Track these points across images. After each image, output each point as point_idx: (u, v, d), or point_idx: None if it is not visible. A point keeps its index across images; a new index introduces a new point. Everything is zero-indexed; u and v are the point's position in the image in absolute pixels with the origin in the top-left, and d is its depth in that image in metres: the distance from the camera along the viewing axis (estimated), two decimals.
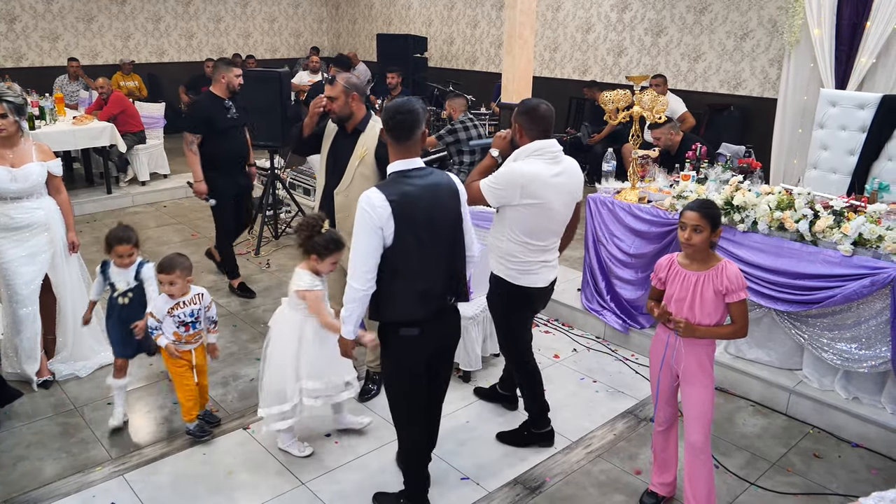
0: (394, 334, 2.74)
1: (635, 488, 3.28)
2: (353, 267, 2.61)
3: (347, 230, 3.59)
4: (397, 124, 2.63)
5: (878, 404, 3.68)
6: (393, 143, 2.67)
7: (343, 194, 3.65)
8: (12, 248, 3.82)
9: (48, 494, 3.17)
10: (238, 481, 3.28)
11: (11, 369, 4.02)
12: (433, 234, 2.66)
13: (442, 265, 2.72)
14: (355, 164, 3.61)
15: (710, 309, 2.79)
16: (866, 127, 5.06)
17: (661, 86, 7.16)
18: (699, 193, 4.21)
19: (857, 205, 3.86)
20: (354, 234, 2.59)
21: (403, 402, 2.88)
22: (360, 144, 3.63)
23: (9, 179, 3.70)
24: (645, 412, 3.92)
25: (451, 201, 2.74)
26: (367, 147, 3.61)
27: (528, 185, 3.10)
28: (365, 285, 2.62)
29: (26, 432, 3.63)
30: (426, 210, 2.63)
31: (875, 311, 3.57)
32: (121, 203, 7.94)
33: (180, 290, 3.38)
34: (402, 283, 2.65)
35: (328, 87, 3.63)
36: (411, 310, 2.68)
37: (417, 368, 2.79)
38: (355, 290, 2.63)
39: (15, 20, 10.21)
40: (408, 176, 2.65)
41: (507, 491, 3.25)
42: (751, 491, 3.28)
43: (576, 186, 3.29)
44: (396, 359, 2.80)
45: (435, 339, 2.79)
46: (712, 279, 2.77)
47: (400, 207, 2.56)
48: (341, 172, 3.66)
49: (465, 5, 11.00)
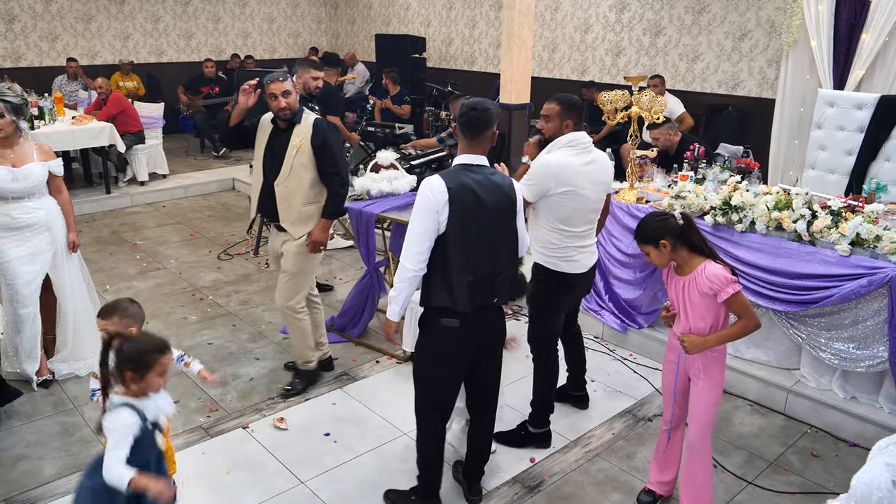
0: (435, 322, 2.79)
1: (633, 487, 3.29)
2: (407, 247, 2.70)
3: (291, 220, 3.78)
4: (470, 120, 2.74)
5: (876, 404, 3.70)
6: (462, 137, 2.78)
7: (283, 185, 3.74)
8: (13, 248, 3.82)
9: (48, 493, 3.18)
10: (237, 480, 3.29)
11: (11, 369, 4.02)
12: (484, 230, 2.73)
13: (487, 261, 2.77)
14: (293, 155, 3.71)
15: (701, 311, 2.78)
16: (864, 127, 5.07)
17: (659, 86, 7.19)
18: (697, 193, 4.23)
19: (854, 205, 3.87)
20: (413, 216, 2.69)
21: (426, 390, 2.93)
22: (296, 135, 3.72)
23: (10, 179, 3.71)
24: (643, 412, 3.93)
25: (507, 203, 2.80)
26: (303, 137, 3.70)
27: (561, 174, 3.21)
28: (416, 266, 2.69)
29: (26, 431, 3.63)
30: (480, 205, 2.70)
31: (872, 310, 3.58)
32: (120, 203, 7.95)
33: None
34: (450, 272, 2.71)
35: (283, 83, 3.64)
36: (455, 299, 2.72)
37: (450, 361, 2.83)
38: (406, 269, 2.70)
39: (14, 20, 10.20)
40: (470, 170, 2.74)
41: (506, 490, 3.26)
42: (748, 490, 3.29)
43: (607, 175, 3.43)
44: (431, 346, 2.86)
45: (476, 338, 2.84)
46: (694, 283, 2.77)
47: (457, 196, 2.65)
48: (279, 165, 3.74)
49: (463, 6, 11.01)
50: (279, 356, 4.48)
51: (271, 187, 3.77)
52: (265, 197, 3.83)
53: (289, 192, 3.75)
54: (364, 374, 4.27)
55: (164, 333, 4.74)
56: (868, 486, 1.46)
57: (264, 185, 3.82)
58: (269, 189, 3.79)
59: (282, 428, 3.69)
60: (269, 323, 4.98)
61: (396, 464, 3.41)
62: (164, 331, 4.81)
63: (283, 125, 3.74)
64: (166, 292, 5.44)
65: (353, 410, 3.87)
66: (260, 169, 3.84)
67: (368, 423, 3.76)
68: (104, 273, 5.80)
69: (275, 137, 3.78)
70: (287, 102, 3.65)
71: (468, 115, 2.74)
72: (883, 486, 1.42)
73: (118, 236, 6.83)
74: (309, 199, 3.79)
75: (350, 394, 4.05)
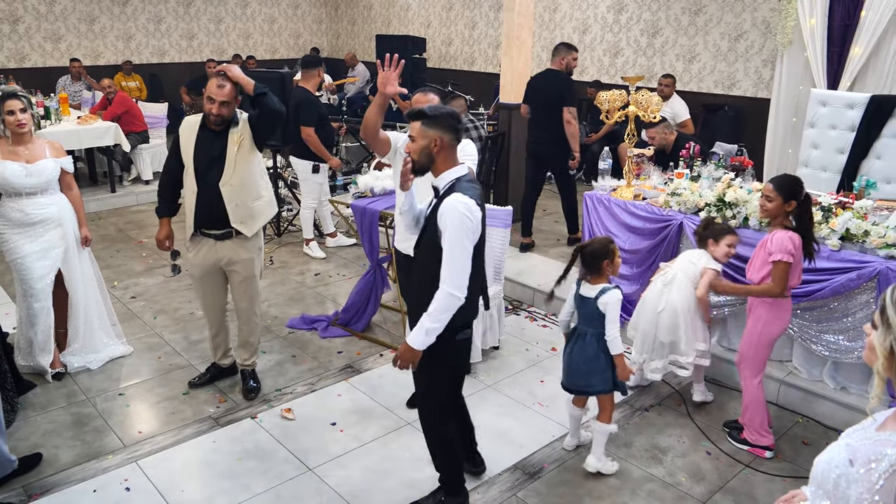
0: (451, 340, 2.70)
1: (630, 473, 3.40)
2: (458, 275, 2.56)
3: (242, 218, 3.69)
4: (456, 129, 2.66)
5: (865, 394, 3.81)
6: (452, 147, 2.67)
7: (229, 185, 3.64)
8: (27, 244, 3.92)
9: (64, 480, 3.28)
10: (247, 467, 3.39)
11: (25, 362, 4.12)
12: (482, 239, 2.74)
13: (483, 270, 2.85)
14: (234, 152, 3.63)
15: (758, 266, 3.38)
16: (855, 126, 5.19)
17: (671, 87, 7.18)
18: (692, 190, 4.34)
19: (845, 201, 3.98)
20: (456, 242, 2.55)
21: (441, 404, 2.91)
22: (234, 133, 3.64)
23: (24, 175, 3.82)
24: (640, 402, 4.04)
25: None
26: (242, 134, 3.65)
27: None
28: (465, 293, 2.58)
29: (41, 421, 3.74)
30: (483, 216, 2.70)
31: (861, 303, 3.70)
32: (125, 202, 8.05)
33: None
34: (474, 287, 2.68)
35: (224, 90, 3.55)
36: (474, 310, 2.75)
37: (463, 368, 2.89)
38: (457, 299, 2.57)
39: (18, 21, 10.31)
40: (469, 181, 2.68)
41: (508, 476, 3.37)
42: (742, 475, 3.41)
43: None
44: (450, 360, 2.81)
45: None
46: (768, 241, 3.31)
47: (481, 212, 2.64)
48: (221, 166, 3.63)
49: (463, 7, 11.12)
50: (285, 350, 4.60)
51: (214, 191, 3.63)
52: (204, 204, 3.66)
53: (236, 190, 3.65)
54: (368, 367, 4.38)
55: (172, 329, 4.87)
56: (828, 464, 1.50)
57: (202, 192, 3.65)
58: (210, 193, 3.64)
59: (289, 418, 3.80)
60: (274, 318, 5.09)
61: (401, 451, 3.53)
62: (172, 326, 4.92)
63: (218, 128, 3.65)
64: (173, 288, 5.55)
65: (358, 401, 3.98)
66: (192, 175, 3.66)
67: (373, 413, 3.87)
68: (111, 270, 5.91)
69: (209, 141, 3.65)
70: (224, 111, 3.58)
71: (454, 124, 2.64)
72: (841, 463, 1.45)
73: (124, 234, 6.94)
74: (256, 195, 3.76)
75: (355, 385, 4.16)
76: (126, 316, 5.01)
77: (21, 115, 3.78)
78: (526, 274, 5.60)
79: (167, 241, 3.92)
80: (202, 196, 3.66)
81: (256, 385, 4.07)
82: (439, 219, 2.58)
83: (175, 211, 3.92)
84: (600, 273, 3.22)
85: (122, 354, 4.44)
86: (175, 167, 3.76)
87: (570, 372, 3.33)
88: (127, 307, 5.21)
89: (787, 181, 3.31)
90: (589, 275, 3.24)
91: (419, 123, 2.64)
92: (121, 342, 4.49)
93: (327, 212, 6.47)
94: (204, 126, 3.67)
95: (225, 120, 3.61)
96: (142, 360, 4.43)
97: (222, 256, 3.78)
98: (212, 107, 3.56)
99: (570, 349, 3.33)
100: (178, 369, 4.32)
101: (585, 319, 3.27)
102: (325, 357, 4.52)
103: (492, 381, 4.22)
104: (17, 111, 3.77)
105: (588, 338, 3.24)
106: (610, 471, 3.38)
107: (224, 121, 3.61)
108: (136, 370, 4.31)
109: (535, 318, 5.13)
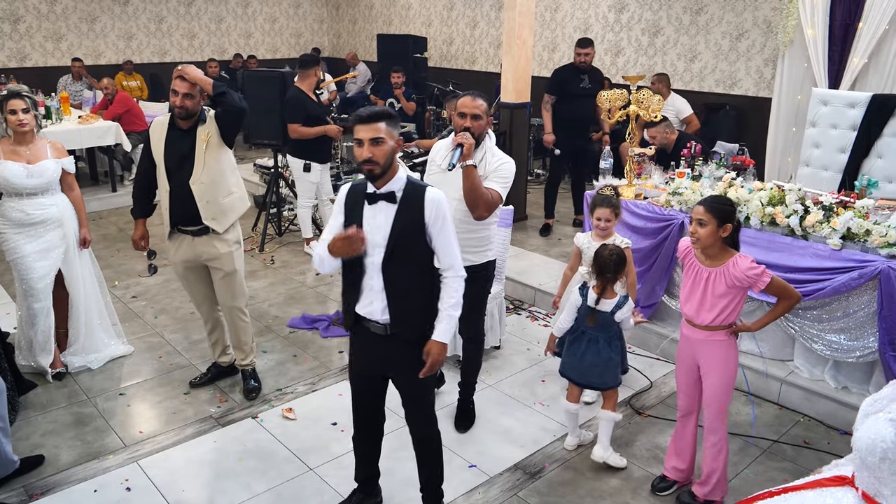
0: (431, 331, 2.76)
1: (630, 473, 3.40)
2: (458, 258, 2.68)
3: (213, 215, 3.72)
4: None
5: (867, 393, 3.80)
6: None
7: (199, 182, 3.67)
8: (27, 244, 3.93)
9: (65, 480, 3.28)
10: (248, 467, 3.39)
11: (26, 362, 4.12)
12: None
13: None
14: (203, 149, 3.66)
15: (720, 301, 2.91)
16: (857, 125, 5.18)
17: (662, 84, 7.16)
18: (693, 190, 4.34)
19: (846, 201, 3.98)
20: (450, 229, 2.67)
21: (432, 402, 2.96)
22: (202, 131, 3.67)
23: (25, 175, 3.82)
24: (641, 402, 4.04)
25: None
26: (210, 131, 3.68)
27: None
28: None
29: (42, 421, 3.74)
30: None
31: (863, 302, 3.69)
32: (126, 201, 8.01)
33: None
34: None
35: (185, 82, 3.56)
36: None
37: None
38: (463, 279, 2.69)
39: (19, 21, 10.31)
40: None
41: (509, 476, 3.37)
42: (742, 475, 3.40)
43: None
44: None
45: None
46: (724, 275, 2.87)
47: None
48: (191, 164, 3.66)
49: (464, 6, 11.12)
50: (286, 349, 4.59)
51: (184, 189, 3.66)
52: (177, 202, 3.70)
53: (206, 188, 3.68)
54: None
55: (173, 328, 4.87)
56: (872, 439, 1.50)
57: (174, 191, 3.69)
58: (181, 191, 3.67)
59: (290, 418, 3.80)
60: (275, 317, 5.09)
61: (401, 451, 3.52)
62: (173, 326, 4.92)
63: (185, 125, 3.67)
64: (174, 288, 5.55)
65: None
66: (164, 174, 3.70)
67: None
68: (112, 269, 5.91)
69: (178, 140, 3.67)
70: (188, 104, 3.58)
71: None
72: (888, 437, 1.46)
73: (125, 234, 6.94)
74: (227, 191, 3.77)
75: None
76: (127, 316, 5.01)
77: (23, 115, 3.79)
78: (527, 273, 5.60)
79: (142, 242, 3.99)
80: (175, 194, 3.71)
81: (257, 385, 4.07)
82: (428, 211, 2.62)
83: (150, 212, 3.98)
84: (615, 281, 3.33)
85: (122, 354, 4.44)
86: (148, 167, 3.80)
87: (583, 372, 3.40)
88: (128, 307, 5.21)
89: (720, 202, 2.88)
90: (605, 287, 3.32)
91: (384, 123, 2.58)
92: (121, 342, 4.49)
93: (329, 211, 6.47)
94: (172, 125, 3.70)
95: (190, 113, 3.63)
96: (142, 360, 4.43)
97: (201, 252, 3.81)
98: (175, 99, 3.59)
99: (581, 352, 3.39)
100: (178, 369, 4.32)
101: (598, 327, 3.35)
102: (325, 357, 4.51)
103: (493, 380, 4.22)
104: (19, 111, 3.78)
105: (601, 342, 3.35)
106: (617, 464, 3.41)
107: (189, 114, 3.63)
108: (136, 370, 4.31)
109: (536, 317, 5.12)
